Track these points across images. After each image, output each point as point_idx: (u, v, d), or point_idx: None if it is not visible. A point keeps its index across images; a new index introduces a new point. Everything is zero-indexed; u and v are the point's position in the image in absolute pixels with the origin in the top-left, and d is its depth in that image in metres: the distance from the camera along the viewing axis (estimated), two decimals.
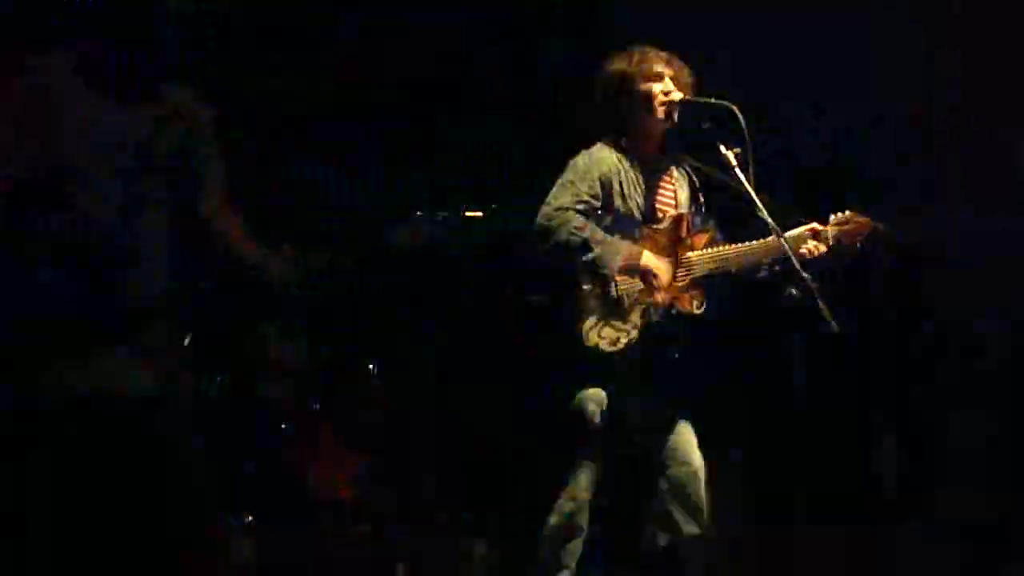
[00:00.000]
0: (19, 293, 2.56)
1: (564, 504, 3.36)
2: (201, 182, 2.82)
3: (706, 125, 3.29)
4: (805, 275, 3.06)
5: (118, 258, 2.61)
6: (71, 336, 2.54)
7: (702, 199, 3.61)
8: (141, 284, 2.59)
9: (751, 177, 3.15)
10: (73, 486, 2.51)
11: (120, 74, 2.70)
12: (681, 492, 3.37)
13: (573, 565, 3.43)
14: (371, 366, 6.25)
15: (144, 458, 2.62)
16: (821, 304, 2.98)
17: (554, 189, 3.41)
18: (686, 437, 3.43)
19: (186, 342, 5.77)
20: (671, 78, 3.41)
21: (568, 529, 3.37)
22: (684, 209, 3.53)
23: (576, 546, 3.40)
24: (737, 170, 3.17)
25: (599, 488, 3.41)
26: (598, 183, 3.39)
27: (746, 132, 3.16)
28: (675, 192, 3.54)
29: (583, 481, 3.37)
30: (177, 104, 2.79)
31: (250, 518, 5.62)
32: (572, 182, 3.39)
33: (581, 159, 3.46)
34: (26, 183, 2.62)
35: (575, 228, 3.28)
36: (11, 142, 2.62)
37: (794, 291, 3.10)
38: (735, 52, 4.88)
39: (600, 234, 3.30)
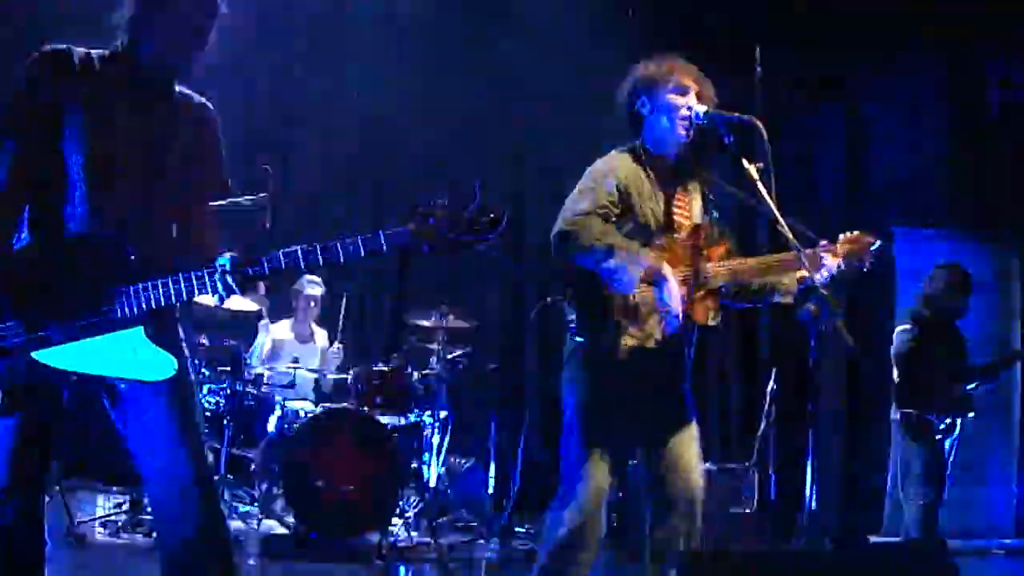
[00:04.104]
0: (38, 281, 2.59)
1: (574, 515, 3.31)
2: (199, 185, 2.85)
3: (728, 140, 3.27)
4: (824, 291, 3.07)
5: (133, 250, 2.63)
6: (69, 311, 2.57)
7: (716, 213, 3.61)
8: (153, 273, 2.62)
9: (773, 192, 3.15)
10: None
11: (139, 77, 2.74)
12: (683, 509, 3.34)
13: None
14: (386, 367, 6.29)
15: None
16: (837, 320, 2.99)
17: (574, 195, 3.38)
18: (691, 450, 3.40)
19: (204, 341, 5.86)
20: (696, 93, 3.40)
21: (577, 540, 3.32)
22: (698, 220, 3.52)
23: (586, 558, 3.36)
24: (759, 184, 3.16)
25: (608, 501, 3.38)
26: (616, 189, 3.36)
27: (768, 147, 3.15)
28: (690, 203, 3.53)
29: (593, 491, 3.32)
30: (189, 107, 2.83)
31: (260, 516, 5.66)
32: (592, 188, 3.36)
33: (600, 165, 3.44)
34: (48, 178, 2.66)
35: (598, 234, 3.24)
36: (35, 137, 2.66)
37: (811, 306, 3.11)
38: None
39: (622, 240, 3.26)
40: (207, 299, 2.63)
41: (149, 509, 2.82)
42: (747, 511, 5.97)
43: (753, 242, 6.36)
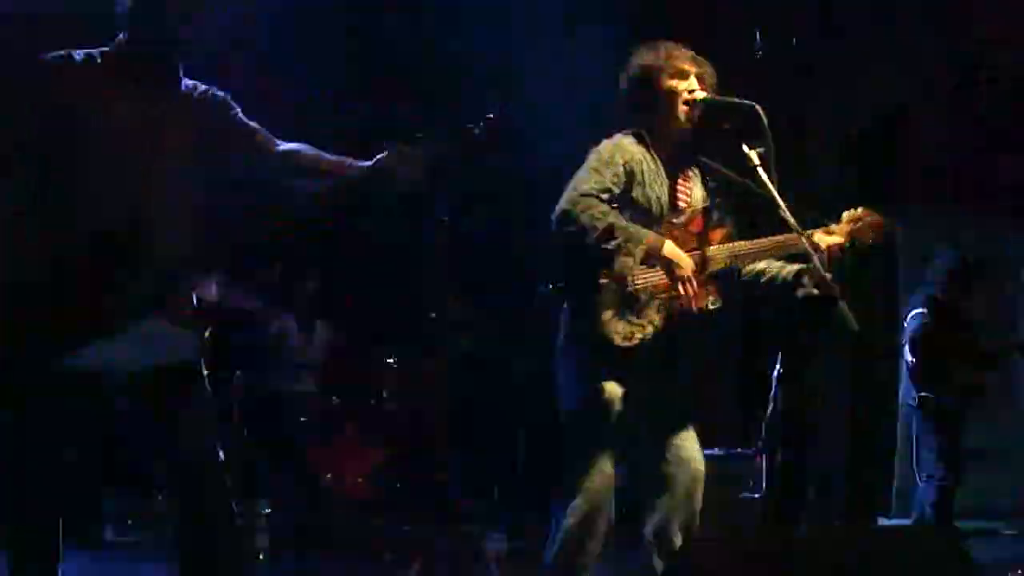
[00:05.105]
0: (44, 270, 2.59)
1: (580, 505, 3.30)
2: (252, 135, 2.86)
3: (728, 125, 3.26)
4: (826, 274, 3.06)
5: (136, 239, 2.64)
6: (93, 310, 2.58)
7: (717, 200, 3.59)
8: (160, 261, 2.63)
9: (774, 177, 3.13)
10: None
11: (142, 71, 2.73)
12: (683, 497, 3.34)
13: (590, 567, 3.38)
14: (390, 358, 6.29)
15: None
16: (840, 302, 2.98)
17: (578, 174, 3.35)
18: (691, 439, 3.40)
19: (207, 334, 5.85)
20: (696, 77, 3.38)
21: (584, 530, 3.31)
22: (699, 205, 3.50)
23: (594, 547, 3.35)
24: (760, 169, 3.15)
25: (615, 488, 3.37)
26: (623, 171, 3.34)
27: (768, 132, 3.14)
28: (691, 188, 3.51)
29: (598, 481, 3.32)
30: (192, 92, 2.82)
31: (268, 510, 5.68)
32: (597, 169, 3.33)
33: (606, 146, 3.42)
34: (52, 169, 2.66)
35: (600, 214, 3.22)
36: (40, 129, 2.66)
37: (814, 289, 3.10)
38: None
39: (623, 221, 3.24)
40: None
41: (164, 505, 2.83)
42: (754, 496, 5.97)
43: (754, 227, 6.33)
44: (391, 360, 6.27)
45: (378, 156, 2.67)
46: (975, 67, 7.29)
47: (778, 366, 6.01)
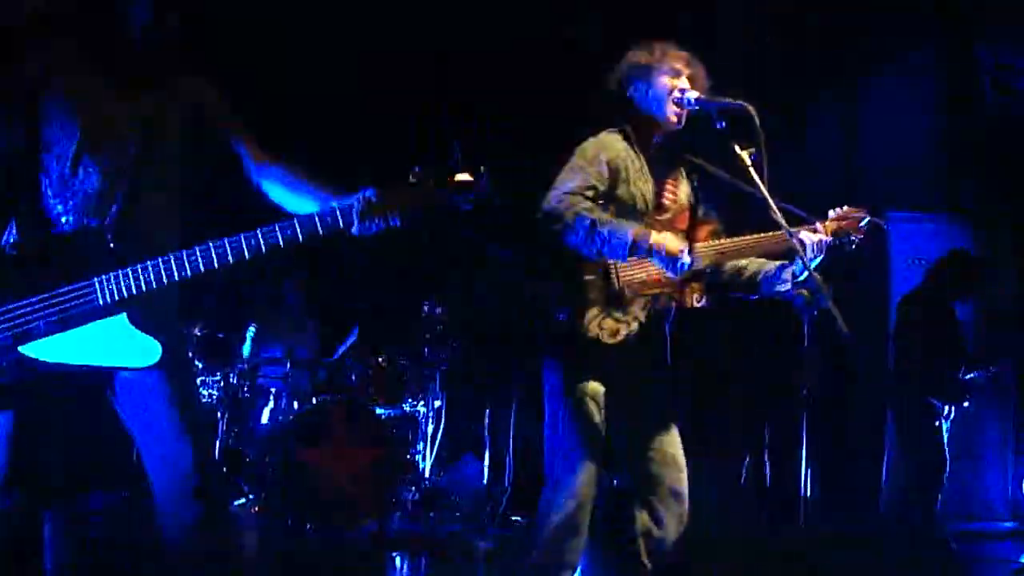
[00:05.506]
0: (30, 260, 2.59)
1: (565, 502, 3.29)
2: (240, 138, 2.85)
3: (720, 125, 3.25)
4: (817, 275, 3.05)
5: (112, 238, 2.62)
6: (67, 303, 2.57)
7: (701, 197, 3.59)
8: (145, 254, 2.61)
9: (764, 177, 3.13)
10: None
11: (125, 60, 2.72)
12: (669, 496, 3.34)
13: (576, 564, 3.37)
14: (380, 359, 6.29)
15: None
16: (831, 305, 2.98)
17: (562, 173, 3.35)
18: (675, 438, 3.40)
19: (197, 331, 5.85)
20: (689, 77, 3.39)
21: (570, 528, 3.30)
22: (685, 204, 3.50)
23: (579, 544, 3.34)
24: (751, 170, 3.14)
25: (599, 486, 3.36)
26: (607, 168, 3.34)
27: (760, 133, 3.13)
28: (677, 187, 3.52)
29: (583, 478, 3.30)
30: (181, 87, 2.81)
31: (255, 509, 5.66)
32: (581, 167, 3.33)
33: (590, 145, 3.42)
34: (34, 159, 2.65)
35: (584, 211, 3.21)
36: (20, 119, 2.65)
37: (805, 292, 3.10)
38: None
39: (607, 217, 3.23)
40: None
41: (153, 497, 2.81)
42: (744, 498, 5.98)
43: (745, 229, 6.33)
44: (381, 360, 6.25)
45: (357, 197, 2.64)
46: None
47: (766, 367, 6.07)
